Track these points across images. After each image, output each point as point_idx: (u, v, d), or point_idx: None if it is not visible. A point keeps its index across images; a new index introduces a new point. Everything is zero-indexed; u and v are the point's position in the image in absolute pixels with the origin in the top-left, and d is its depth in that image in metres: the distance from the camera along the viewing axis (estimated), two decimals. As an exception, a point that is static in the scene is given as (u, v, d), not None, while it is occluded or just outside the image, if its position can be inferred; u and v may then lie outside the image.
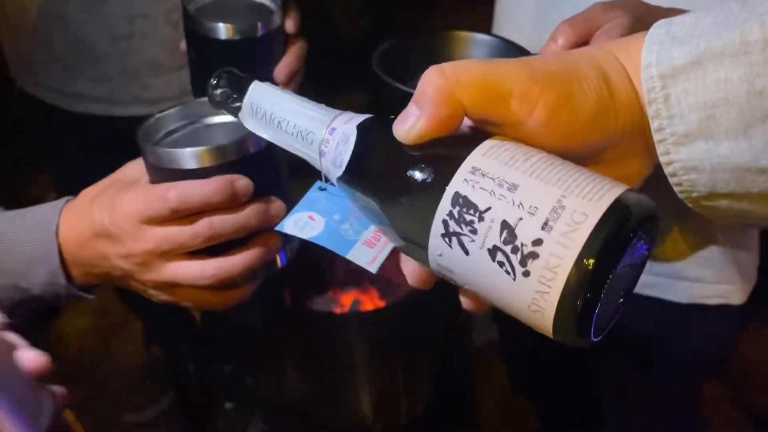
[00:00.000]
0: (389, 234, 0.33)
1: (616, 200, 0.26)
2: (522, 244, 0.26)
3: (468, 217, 0.27)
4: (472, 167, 0.28)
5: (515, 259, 0.26)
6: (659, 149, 0.28)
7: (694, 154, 0.27)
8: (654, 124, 0.27)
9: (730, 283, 0.70)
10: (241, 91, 0.36)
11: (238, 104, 0.35)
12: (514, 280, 0.27)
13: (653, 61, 0.27)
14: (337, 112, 0.34)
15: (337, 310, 1.36)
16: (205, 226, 0.42)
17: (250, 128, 0.36)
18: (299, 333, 1.21)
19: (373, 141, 0.32)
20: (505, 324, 1.09)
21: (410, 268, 0.33)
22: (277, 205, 0.45)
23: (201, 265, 0.43)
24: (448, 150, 0.29)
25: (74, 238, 0.45)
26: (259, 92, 0.35)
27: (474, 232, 0.27)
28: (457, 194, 0.28)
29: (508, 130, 0.29)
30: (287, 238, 0.45)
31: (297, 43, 0.77)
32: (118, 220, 0.43)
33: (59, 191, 1.24)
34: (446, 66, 0.29)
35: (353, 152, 0.32)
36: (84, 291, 0.49)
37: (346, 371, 1.22)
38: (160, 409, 1.53)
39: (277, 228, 0.37)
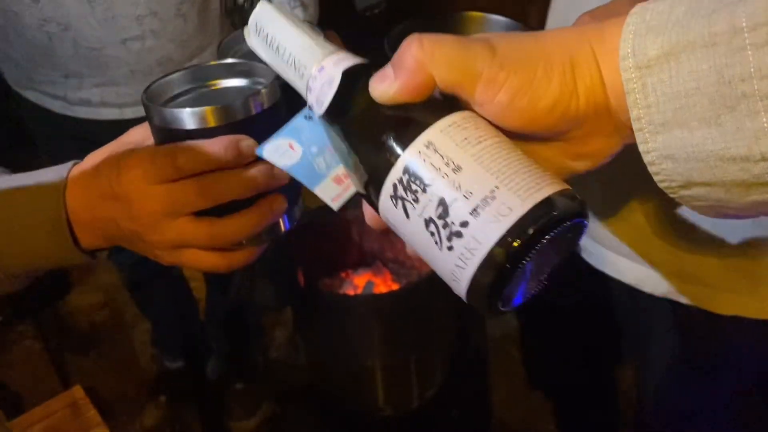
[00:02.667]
0: (352, 179, 0.35)
1: (543, 200, 0.28)
2: (452, 223, 0.29)
3: (414, 187, 0.30)
4: (428, 141, 0.30)
5: (444, 233, 0.29)
6: (638, 138, 0.28)
7: (670, 143, 0.28)
8: (632, 114, 0.28)
9: None
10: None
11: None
12: (440, 250, 0.30)
13: (629, 52, 0.28)
14: (330, 49, 0.35)
15: (351, 292, 1.35)
16: (210, 185, 0.43)
17: (251, 46, 0.38)
18: (312, 314, 1.20)
19: (353, 90, 0.33)
20: (525, 315, 1.07)
21: (369, 212, 0.35)
22: None
23: (208, 225, 0.43)
24: (412, 117, 0.31)
25: (81, 201, 0.45)
26: (264, 12, 0.37)
27: (416, 201, 0.30)
28: (408, 164, 0.30)
29: (475, 108, 0.31)
30: (291, 202, 0.45)
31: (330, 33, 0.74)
32: (125, 180, 0.43)
33: None
34: (426, 37, 0.31)
35: (334, 96, 0.34)
36: (90, 254, 0.49)
37: (359, 353, 1.21)
38: (172, 383, 1.54)
39: (257, 152, 0.38)
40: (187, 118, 0.42)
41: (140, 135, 0.47)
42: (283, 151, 0.37)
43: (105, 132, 1.11)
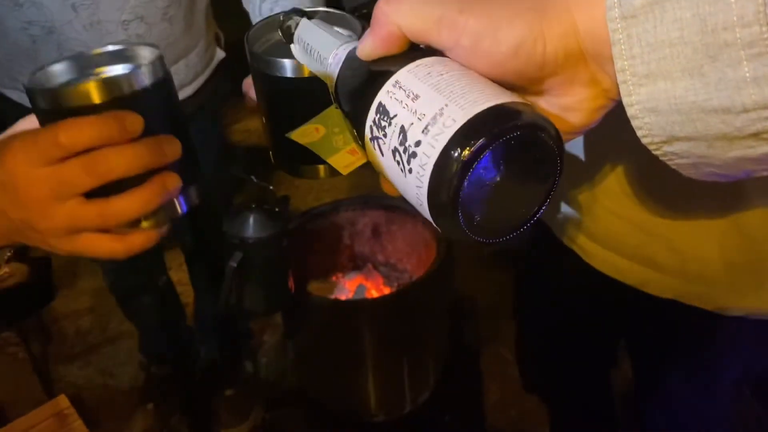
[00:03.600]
0: (358, 145, 0.37)
1: (486, 109, 0.29)
2: (409, 146, 0.30)
3: (383, 123, 0.32)
4: (396, 81, 0.32)
5: (404, 158, 0.31)
6: (622, 91, 0.28)
7: (654, 95, 0.27)
8: (617, 65, 0.28)
9: None
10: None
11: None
12: (405, 177, 0.31)
13: (616, 2, 0.27)
14: (345, 39, 0.39)
15: (342, 296, 1.33)
16: (96, 162, 0.41)
17: (296, 56, 0.44)
18: (302, 319, 1.18)
19: (350, 61, 0.37)
20: (519, 317, 1.07)
21: (384, 182, 0.37)
22: (171, 142, 0.44)
23: (98, 205, 0.42)
24: (388, 67, 0.33)
25: None
26: (303, 27, 0.43)
27: (385, 135, 0.32)
28: (379, 104, 0.32)
29: (447, 54, 0.33)
30: (187, 181, 0.44)
31: None
32: (9, 166, 0.42)
33: None
34: None
35: (338, 72, 0.37)
36: None
37: (350, 358, 1.20)
38: (160, 390, 1.51)
39: (286, 135, 0.42)
40: (72, 96, 0.41)
41: (29, 124, 0.46)
42: (309, 133, 0.42)
43: None
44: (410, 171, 0.30)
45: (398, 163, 0.31)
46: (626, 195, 0.66)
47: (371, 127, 0.33)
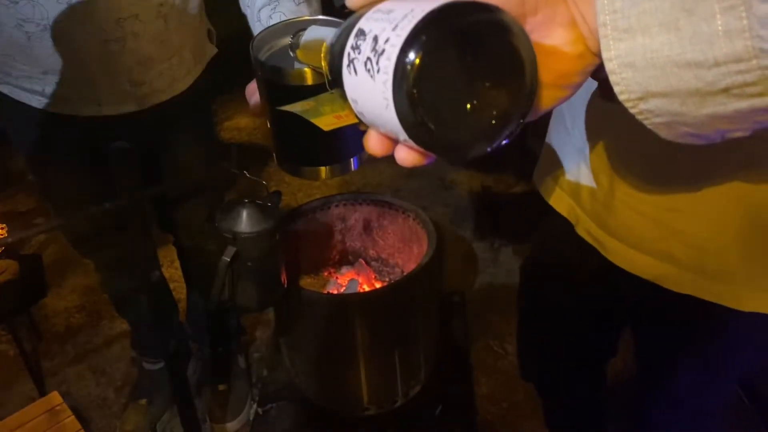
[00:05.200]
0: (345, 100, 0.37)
1: (452, 2, 0.29)
2: (380, 48, 0.31)
3: (359, 42, 0.33)
4: (377, 8, 0.33)
5: (374, 60, 0.31)
6: (602, 45, 0.29)
7: (632, 50, 0.28)
8: (599, 19, 0.29)
9: None
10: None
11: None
12: (374, 81, 0.31)
13: None
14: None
15: (334, 291, 1.34)
16: None
17: (302, 60, 0.46)
18: (295, 314, 1.19)
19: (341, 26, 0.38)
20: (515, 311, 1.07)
21: (372, 139, 0.36)
22: None
23: None
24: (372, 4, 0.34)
25: None
26: (307, 32, 0.45)
27: (359, 51, 0.32)
28: (359, 29, 0.33)
29: None
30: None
31: None
32: None
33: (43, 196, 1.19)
34: None
35: (331, 38, 0.39)
36: None
37: (342, 352, 1.20)
38: (152, 386, 1.51)
39: (279, 108, 0.44)
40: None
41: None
42: (301, 105, 0.43)
43: (82, 127, 1.09)
44: (378, 71, 0.31)
45: (369, 71, 0.31)
46: (643, 190, 0.66)
47: (349, 53, 0.33)
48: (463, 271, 1.84)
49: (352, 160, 0.50)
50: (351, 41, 0.33)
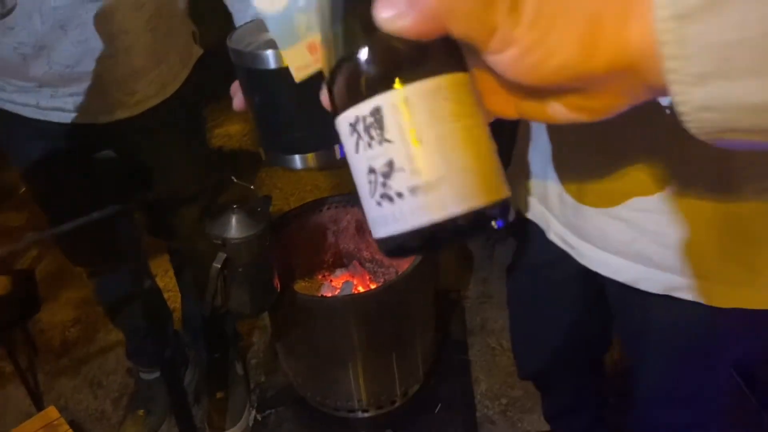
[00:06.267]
0: (323, 54, 0.33)
1: (471, 211, 0.28)
2: (390, 187, 0.29)
3: (373, 132, 0.29)
4: (406, 98, 0.29)
5: (379, 190, 0.30)
6: (672, 90, 0.27)
7: (709, 95, 0.26)
8: (667, 65, 0.26)
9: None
10: None
11: None
12: (371, 197, 0.30)
13: (668, 1, 0.25)
14: None
15: (329, 294, 1.34)
16: None
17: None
18: (290, 318, 1.19)
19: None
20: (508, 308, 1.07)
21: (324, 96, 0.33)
22: None
23: None
24: (406, 59, 0.29)
25: None
26: None
27: (369, 146, 0.30)
28: (379, 109, 0.29)
29: (482, 56, 0.29)
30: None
31: None
32: None
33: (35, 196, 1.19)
34: None
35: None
36: None
37: (339, 355, 1.20)
38: (149, 396, 1.50)
39: None
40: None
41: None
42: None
43: (76, 134, 1.09)
44: (378, 204, 0.30)
45: (370, 183, 0.30)
46: (613, 193, 0.66)
47: (358, 118, 0.30)
48: (458, 269, 1.84)
49: (336, 147, 0.49)
50: (367, 109, 0.30)
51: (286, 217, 1.30)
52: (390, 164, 0.29)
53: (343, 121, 0.31)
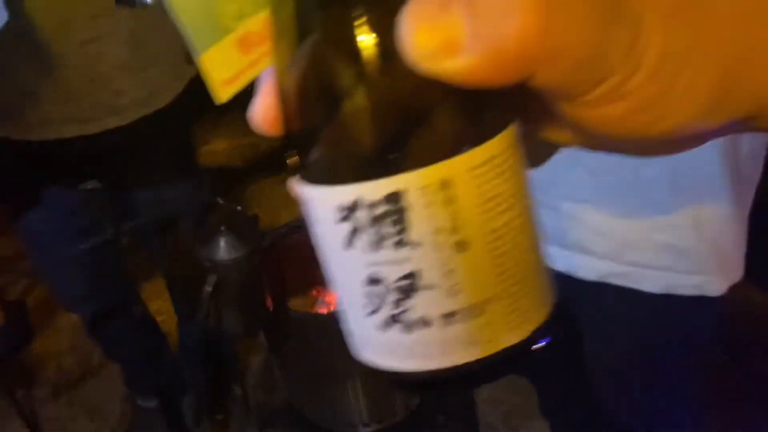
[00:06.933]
0: (276, 61, 0.21)
1: (518, 341, 0.21)
2: (409, 308, 0.20)
3: (388, 227, 0.19)
4: (449, 178, 0.19)
5: (386, 309, 0.20)
6: None
7: None
8: None
9: (708, 274, 0.68)
10: None
11: None
12: (367, 316, 0.21)
13: None
14: None
15: (323, 310, 1.33)
16: None
17: None
18: (286, 336, 1.18)
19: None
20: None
21: (264, 106, 0.22)
22: None
23: None
24: (453, 117, 0.19)
25: None
26: None
27: (375, 246, 0.20)
28: (401, 195, 0.19)
29: (559, 105, 0.20)
30: None
31: None
32: None
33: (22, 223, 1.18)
34: (554, 8, 0.17)
35: None
36: None
37: (337, 371, 1.19)
38: (147, 421, 1.49)
39: None
40: None
41: None
42: None
43: (68, 152, 1.06)
44: (381, 328, 0.21)
45: (368, 296, 0.20)
46: (547, 183, 0.67)
47: (360, 200, 0.19)
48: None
49: None
50: (374, 195, 0.19)
51: (278, 233, 1.29)
52: (413, 276, 0.20)
53: (321, 195, 0.20)
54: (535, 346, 0.21)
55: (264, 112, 0.22)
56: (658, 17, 0.18)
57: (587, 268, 0.70)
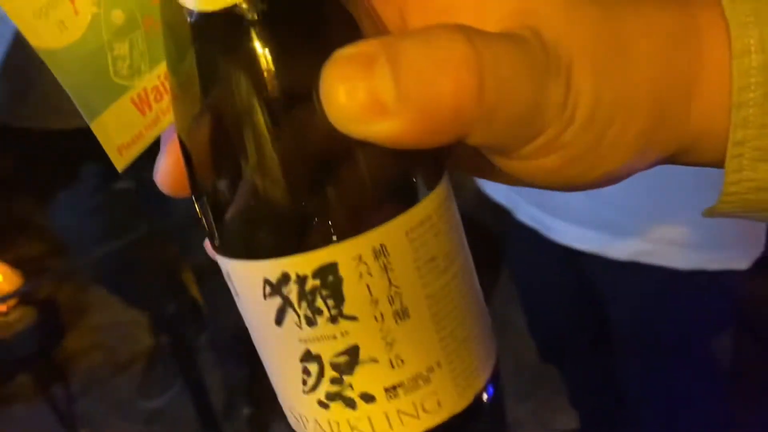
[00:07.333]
0: (179, 117, 0.19)
1: (471, 402, 0.20)
2: (348, 385, 0.18)
3: (320, 302, 0.18)
4: (382, 245, 0.17)
5: (325, 385, 0.19)
6: (731, 165, 0.20)
7: None
8: (736, 135, 0.20)
9: (734, 248, 0.70)
10: None
11: None
12: (304, 393, 0.19)
13: (753, 44, 0.18)
14: None
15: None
16: None
17: None
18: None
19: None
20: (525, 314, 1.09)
21: (167, 166, 0.20)
22: None
23: None
24: (384, 180, 0.18)
25: None
26: None
27: (310, 322, 0.18)
28: (333, 267, 0.17)
29: (492, 157, 0.19)
30: None
31: None
32: None
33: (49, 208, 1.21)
34: (488, 65, 0.16)
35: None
36: None
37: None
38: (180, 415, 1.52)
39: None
40: None
41: None
42: (43, 1, 0.17)
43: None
44: (323, 405, 0.19)
45: (305, 373, 0.19)
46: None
47: (287, 276, 0.17)
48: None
49: None
50: (302, 268, 0.18)
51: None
52: (352, 353, 0.18)
53: (243, 269, 0.19)
54: (484, 400, 0.21)
55: (167, 173, 0.21)
56: (587, 64, 0.18)
57: (617, 248, 0.72)
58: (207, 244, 0.21)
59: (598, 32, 0.18)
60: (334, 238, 0.17)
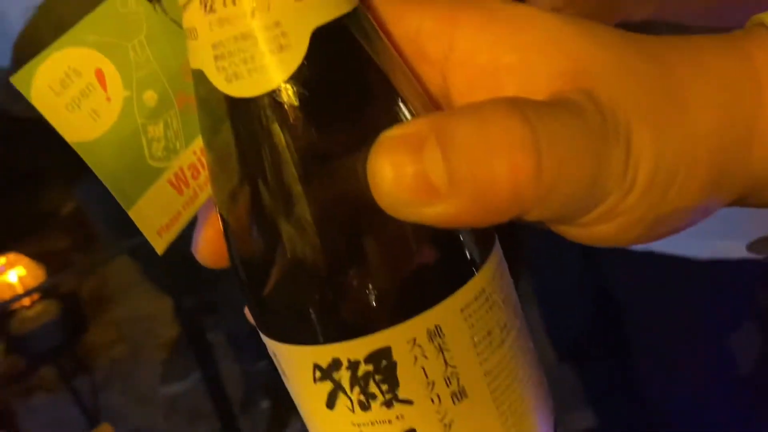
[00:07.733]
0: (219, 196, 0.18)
1: None
2: None
3: (374, 387, 0.17)
4: (437, 327, 0.17)
5: None
6: None
7: None
8: None
9: (754, 237, 0.69)
10: None
11: None
12: None
13: None
14: None
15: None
16: None
17: None
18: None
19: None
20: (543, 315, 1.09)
21: (207, 240, 0.20)
22: None
23: None
24: (435, 261, 0.17)
25: None
26: None
27: (364, 407, 0.17)
28: (386, 352, 0.16)
29: (552, 225, 0.19)
30: None
31: None
32: None
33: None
34: (546, 146, 0.15)
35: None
36: None
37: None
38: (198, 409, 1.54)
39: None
40: None
41: None
42: (74, 92, 0.16)
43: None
44: None
45: None
46: None
47: (337, 363, 0.17)
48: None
49: None
50: (354, 353, 0.17)
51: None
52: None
53: (292, 353, 0.18)
54: None
55: (206, 246, 0.20)
56: (646, 125, 0.17)
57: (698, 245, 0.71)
58: (247, 312, 0.20)
59: (653, 87, 0.17)
60: (387, 321, 0.16)
